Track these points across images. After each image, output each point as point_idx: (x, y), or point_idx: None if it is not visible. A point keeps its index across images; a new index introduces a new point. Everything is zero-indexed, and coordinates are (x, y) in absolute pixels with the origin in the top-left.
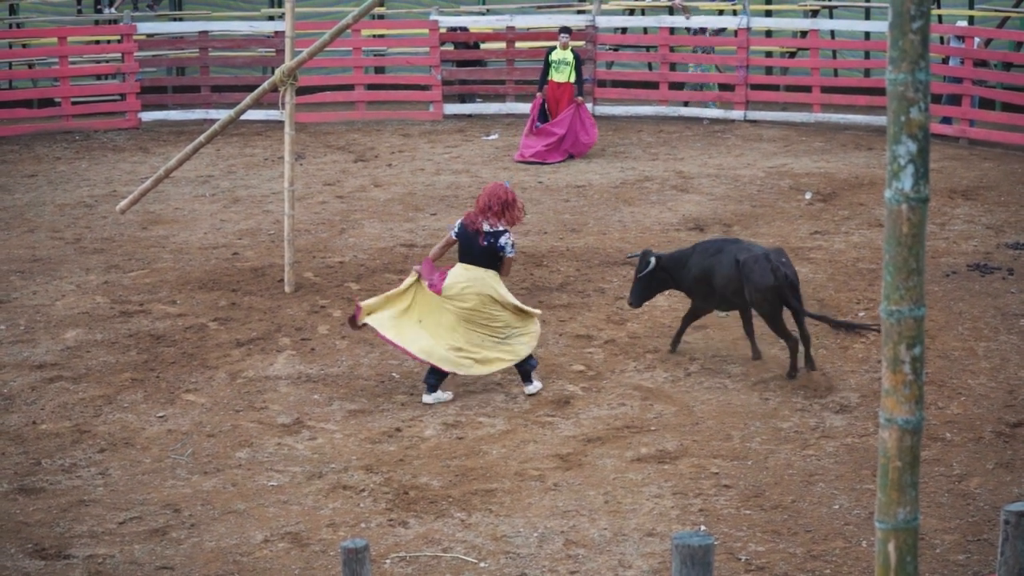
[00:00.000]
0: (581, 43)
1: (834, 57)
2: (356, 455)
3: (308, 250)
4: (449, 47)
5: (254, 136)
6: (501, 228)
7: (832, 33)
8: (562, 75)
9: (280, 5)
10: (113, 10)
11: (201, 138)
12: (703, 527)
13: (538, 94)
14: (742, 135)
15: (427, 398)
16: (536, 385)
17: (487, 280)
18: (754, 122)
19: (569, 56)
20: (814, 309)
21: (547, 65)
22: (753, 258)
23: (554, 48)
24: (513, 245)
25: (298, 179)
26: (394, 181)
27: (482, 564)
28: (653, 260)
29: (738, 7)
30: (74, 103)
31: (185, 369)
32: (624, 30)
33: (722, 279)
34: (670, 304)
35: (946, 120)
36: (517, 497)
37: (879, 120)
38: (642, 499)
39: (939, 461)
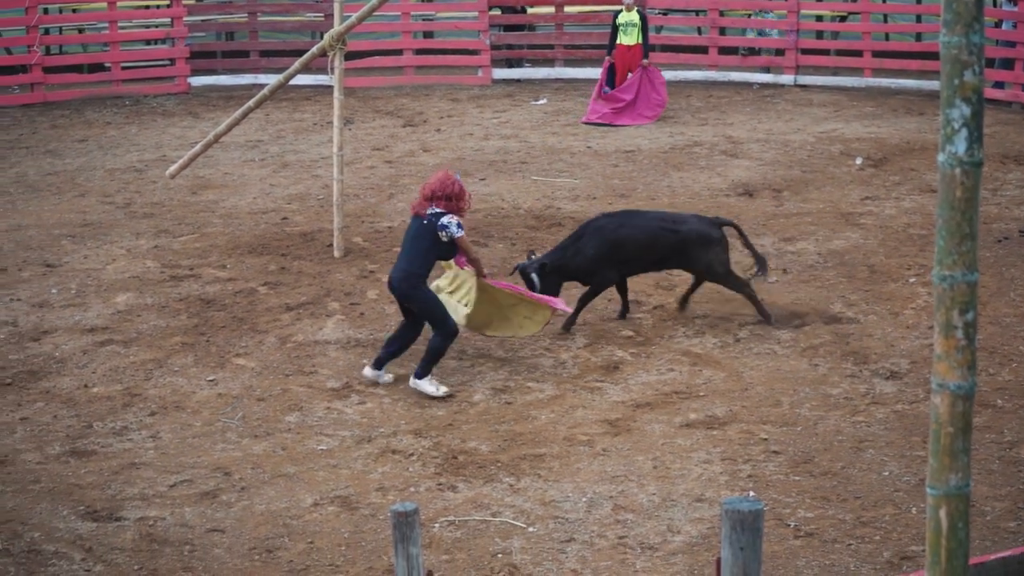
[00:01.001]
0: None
1: (885, 21)
2: (405, 419)
3: (357, 215)
4: (497, 12)
5: (303, 101)
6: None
7: None
8: (630, 38)
9: None
10: None
11: (250, 103)
12: (752, 493)
13: (607, 58)
14: (792, 100)
15: (369, 372)
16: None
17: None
18: (804, 87)
19: (635, 17)
20: (867, 274)
21: (615, 28)
22: (697, 225)
23: (620, 11)
24: (460, 225)
25: (347, 144)
26: (443, 146)
27: (531, 529)
28: (536, 278)
29: None
30: (124, 68)
31: (235, 333)
32: None
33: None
34: None
35: (998, 84)
36: (566, 462)
37: (931, 84)
38: (691, 464)
39: (990, 428)
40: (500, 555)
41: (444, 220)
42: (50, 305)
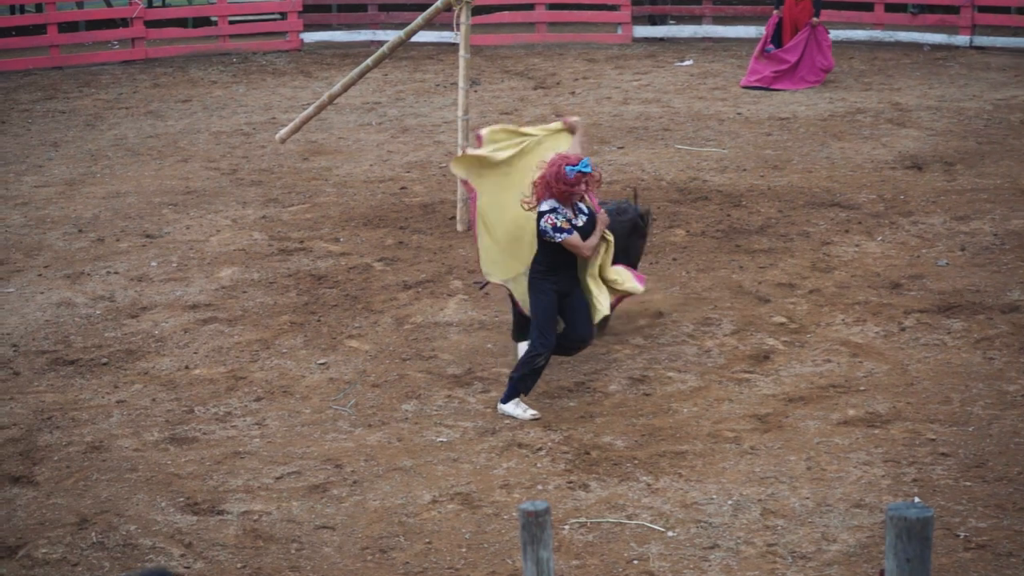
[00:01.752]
0: None
1: None
2: (533, 410)
3: None
4: None
5: (425, 60)
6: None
7: None
8: None
9: None
10: None
11: (368, 61)
12: (917, 499)
13: (775, 12)
14: (967, 63)
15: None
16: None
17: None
18: (981, 48)
19: None
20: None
21: None
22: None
23: None
24: (558, 228)
25: (472, 107)
26: (577, 110)
27: (670, 533)
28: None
29: None
30: (231, 22)
31: (348, 313)
32: None
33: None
34: (883, 251)
35: None
36: (710, 461)
37: None
38: (849, 466)
39: None
40: (636, 561)
41: (543, 224)
42: (149, 279)
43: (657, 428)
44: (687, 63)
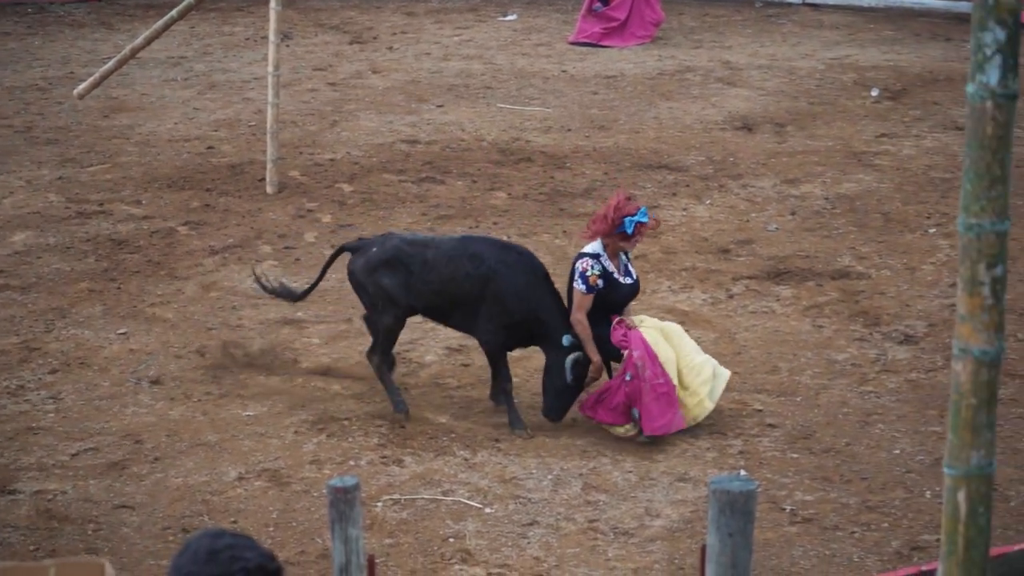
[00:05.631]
0: None
1: None
2: (345, 382)
3: (294, 145)
4: None
5: (234, 12)
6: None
7: None
8: None
9: None
10: None
11: (173, 13)
12: (743, 471)
13: None
14: (800, 21)
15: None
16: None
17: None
18: (815, 6)
19: None
20: (881, 223)
21: None
22: None
23: None
24: (584, 277)
25: (284, 63)
26: (395, 67)
27: (488, 510)
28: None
29: None
30: None
31: (150, 279)
32: None
33: None
34: (711, 215)
35: None
36: (531, 433)
37: (960, 6)
38: (673, 439)
39: (1017, 401)
40: (452, 539)
41: (578, 265)
42: None
43: (475, 400)
44: (510, 18)
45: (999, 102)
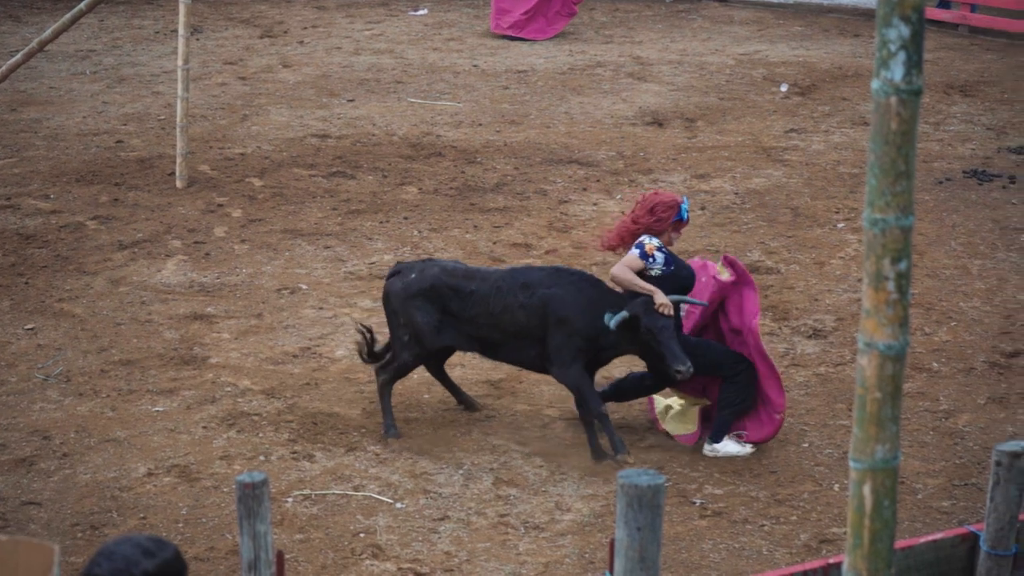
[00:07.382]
0: None
1: None
2: (255, 377)
3: (204, 139)
4: None
5: (144, 5)
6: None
7: None
8: None
9: None
10: None
11: (81, 6)
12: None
13: None
14: (710, 16)
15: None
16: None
17: None
18: (724, 1)
19: None
20: (790, 217)
21: None
22: None
23: None
24: (641, 245)
25: (194, 56)
26: (306, 61)
27: (398, 505)
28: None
29: None
30: None
31: (59, 275)
32: None
33: None
34: (622, 210)
35: (944, 4)
36: (439, 428)
37: (867, 2)
38: (583, 433)
39: (924, 395)
40: (363, 534)
41: (644, 248)
42: None
43: None
44: (421, 12)
45: (903, 98)
